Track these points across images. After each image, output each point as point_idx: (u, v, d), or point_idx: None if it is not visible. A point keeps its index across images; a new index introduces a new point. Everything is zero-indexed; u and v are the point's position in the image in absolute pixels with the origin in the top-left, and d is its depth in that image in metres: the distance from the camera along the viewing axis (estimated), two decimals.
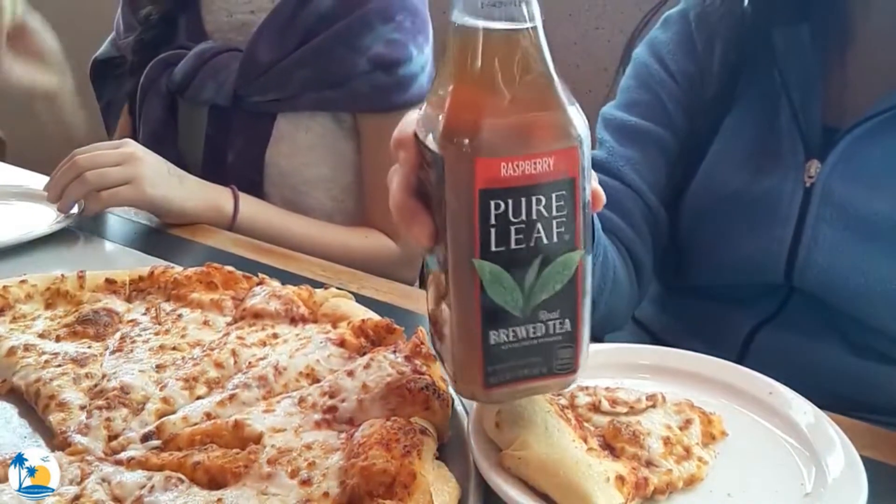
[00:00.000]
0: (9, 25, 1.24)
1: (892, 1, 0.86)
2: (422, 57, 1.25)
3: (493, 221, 0.50)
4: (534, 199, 0.50)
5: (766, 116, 0.91)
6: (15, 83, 1.27)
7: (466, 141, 0.49)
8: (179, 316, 0.78)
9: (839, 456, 0.59)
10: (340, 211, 1.30)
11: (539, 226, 0.51)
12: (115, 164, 1.08)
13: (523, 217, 0.50)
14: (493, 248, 0.51)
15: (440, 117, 0.51)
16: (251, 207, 1.19)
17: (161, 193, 1.09)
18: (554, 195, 0.50)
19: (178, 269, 0.85)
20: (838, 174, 0.86)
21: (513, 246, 0.51)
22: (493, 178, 0.49)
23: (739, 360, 0.73)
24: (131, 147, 1.10)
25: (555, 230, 0.51)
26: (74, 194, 1.07)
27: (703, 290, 0.98)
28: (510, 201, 0.50)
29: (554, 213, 0.51)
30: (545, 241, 0.51)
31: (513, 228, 0.50)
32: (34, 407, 0.68)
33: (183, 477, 0.57)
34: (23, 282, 0.82)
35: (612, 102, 1.02)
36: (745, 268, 0.92)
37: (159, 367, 0.70)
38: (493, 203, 0.50)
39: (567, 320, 0.53)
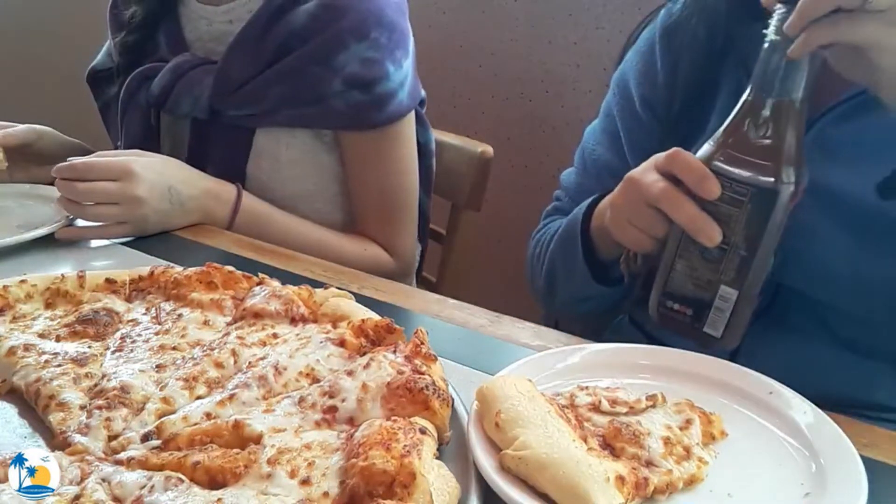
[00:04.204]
0: None
1: None
2: (400, 72, 1.21)
3: None
4: None
5: None
6: None
7: None
8: (179, 316, 0.78)
9: (839, 456, 0.59)
10: (327, 223, 1.26)
11: None
12: (111, 179, 1.06)
13: None
14: None
15: None
16: (249, 212, 1.18)
17: (153, 219, 1.08)
18: None
19: (179, 268, 0.85)
20: (812, 160, 0.86)
21: None
22: None
23: (732, 359, 0.73)
24: (131, 164, 1.08)
25: None
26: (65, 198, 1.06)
27: None
28: None
29: None
30: None
31: None
32: (34, 407, 0.68)
33: (183, 477, 0.57)
34: (23, 282, 0.82)
35: (595, 122, 1.11)
36: None
37: (159, 367, 0.70)
38: None
39: None
